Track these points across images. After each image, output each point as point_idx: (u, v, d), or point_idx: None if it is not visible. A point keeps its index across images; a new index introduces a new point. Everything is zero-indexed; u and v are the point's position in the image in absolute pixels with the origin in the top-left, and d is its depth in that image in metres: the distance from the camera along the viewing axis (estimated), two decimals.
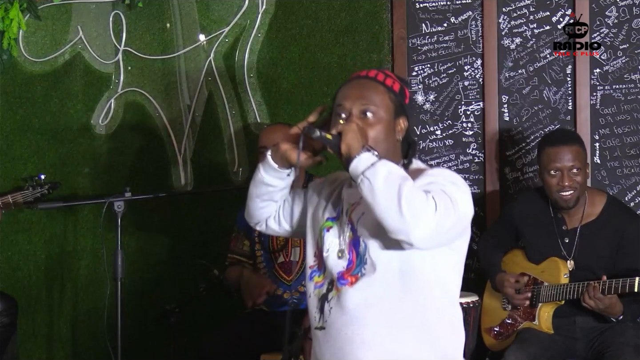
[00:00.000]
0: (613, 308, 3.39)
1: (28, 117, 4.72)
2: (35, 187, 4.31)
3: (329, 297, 2.30)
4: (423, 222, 2.10)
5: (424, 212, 2.10)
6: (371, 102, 2.30)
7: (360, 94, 2.31)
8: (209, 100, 4.53)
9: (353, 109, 2.30)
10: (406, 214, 2.08)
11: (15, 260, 4.72)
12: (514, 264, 3.74)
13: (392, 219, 2.10)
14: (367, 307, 2.24)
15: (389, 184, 2.11)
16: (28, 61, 4.71)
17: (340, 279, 2.29)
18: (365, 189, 2.13)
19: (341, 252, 2.32)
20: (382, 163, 2.15)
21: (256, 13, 4.45)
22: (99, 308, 4.43)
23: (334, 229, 2.37)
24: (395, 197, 2.09)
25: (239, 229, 3.96)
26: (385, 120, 2.30)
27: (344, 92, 2.35)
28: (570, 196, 3.52)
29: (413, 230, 2.09)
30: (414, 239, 2.11)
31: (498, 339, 3.73)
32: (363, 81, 2.36)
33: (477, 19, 4.19)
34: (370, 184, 2.12)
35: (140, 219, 4.56)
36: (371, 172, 2.13)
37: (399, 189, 2.09)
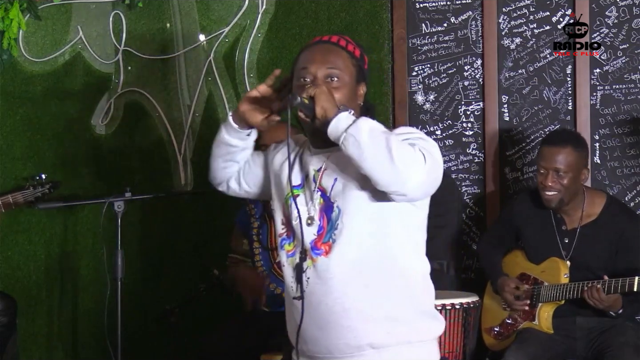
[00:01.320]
0: (614, 305, 3.40)
1: (28, 117, 4.72)
2: (37, 187, 4.31)
3: (304, 267, 2.31)
4: (415, 172, 2.14)
5: (415, 162, 2.14)
6: (336, 66, 2.32)
7: (325, 58, 2.33)
8: (209, 100, 4.53)
9: (318, 73, 2.31)
10: (399, 165, 2.12)
11: (15, 260, 4.72)
12: (514, 264, 3.74)
13: (384, 171, 2.13)
14: (345, 275, 2.26)
15: (374, 138, 2.14)
16: (28, 61, 4.71)
17: (314, 248, 2.30)
18: (350, 146, 2.15)
19: (310, 219, 2.32)
20: (363, 119, 2.18)
21: (256, 13, 4.45)
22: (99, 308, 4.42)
23: (300, 197, 2.37)
24: (384, 150, 2.12)
25: (238, 227, 3.96)
26: (349, 84, 2.33)
27: (307, 56, 2.36)
28: (551, 197, 3.52)
29: (407, 180, 2.14)
30: (408, 189, 2.15)
31: (498, 339, 3.74)
32: (326, 45, 2.37)
33: (477, 19, 4.19)
34: (356, 139, 2.14)
35: (140, 219, 4.56)
36: (354, 129, 2.15)
37: (386, 141, 2.13)
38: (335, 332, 2.28)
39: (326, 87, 2.26)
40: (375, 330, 2.27)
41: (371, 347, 2.27)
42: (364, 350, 2.28)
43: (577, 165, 3.51)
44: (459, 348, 3.52)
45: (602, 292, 3.35)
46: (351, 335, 2.27)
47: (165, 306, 3.83)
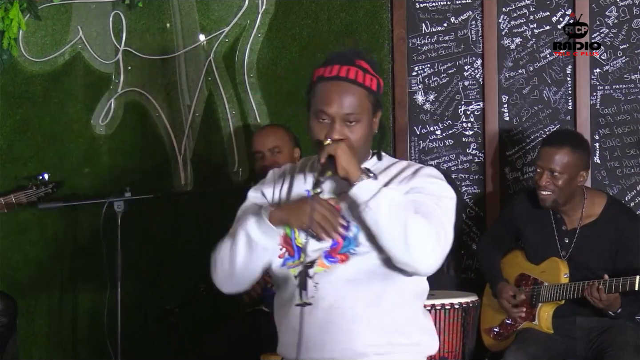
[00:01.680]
0: (613, 304, 3.40)
1: (28, 117, 4.72)
2: (39, 187, 4.30)
3: (311, 274, 2.33)
4: (428, 255, 2.24)
5: (429, 245, 2.23)
6: (353, 109, 2.34)
7: (342, 101, 2.33)
8: (209, 100, 4.53)
9: (336, 117, 2.34)
10: (413, 251, 2.21)
11: (15, 260, 4.72)
12: (514, 264, 3.74)
13: (399, 253, 2.23)
14: (359, 282, 2.31)
15: (392, 218, 2.21)
16: (28, 61, 4.71)
17: (328, 257, 2.33)
18: (370, 219, 2.23)
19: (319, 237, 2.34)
20: (384, 193, 2.22)
21: (256, 13, 4.45)
22: (99, 308, 4.43)
23: None
24: (401, 233, 2.20)
25: None
26: (366, 122, 2.36)
27: (324, 97, 2.35)
28: (544, 197, 3.52)
29: (420, 264, 2.24)
30: (421, 271, 2.27)
31: (497, 339, 3.73)
32: (344, 85, 2.36)
33: (477, 19, 4.19)
34: (375, 215, 2.21)
35: (140, 219, 4.56)
36: (374, 203, 2.21)
37: (404, 224, 2.20)
38: (343, 336, 2.30)
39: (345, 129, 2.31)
40: (381, 339, 2.31)
41: (375, 354, 2.32)
42: (368, 357, 2.31)
43: (573, 167, 3.49)
44: (458, 348, 3.52)
45: (602, 292, 3.35)
46: (359, 341, 2.30)
47: (165, 306, 3.82)
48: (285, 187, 2.48)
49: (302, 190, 2.43)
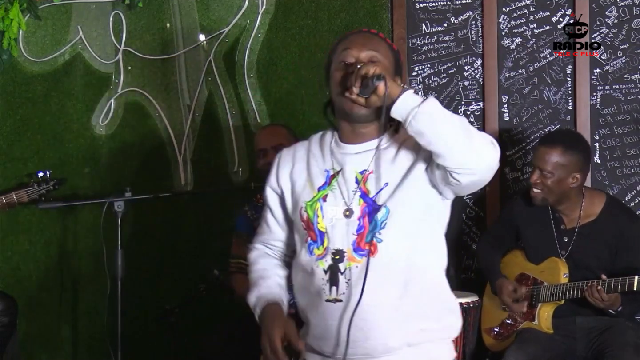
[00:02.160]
0: (614, 303, 3.40)
1: (28, 117, 4.72)
2: (41, 184, 4.29)
3: (342, 269, 2.27)
4: (492, 152, 2.19)
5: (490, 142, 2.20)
6: (378, 50, 2.32)
7: (367, 42, 2.33)
8: (209, 100, 4.53)
9: (361, 55, 2.30)
10: (478, 141, 2.16)
11: (15, 260, 4.72)
12: (514, 264, 3.74)
13: (462, 145, 2.14)
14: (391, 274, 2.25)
15: (448, 116, 2.18)
16: (28, 61, 4.71)
17: (357, 250, 2.27)
18: (422, 122, 2.15)
19: (349, 212, 2.29)
20: (432, 99, 2.20)
21: (256, 13, 4.45)
22: (99, 308, 4.43)
23: (330, 196, 2.33)
24: (460, 126, 2.16)
25: (240, 233, 3.95)
26: (389, 71, 2.32)
27: (348, 41, 2.35)
28: (534, 194, 3.53)
29: (482, 157, 2.17)
30: (483, 166, 2.17)
31: (498, 339, 3.73)
32: (366, 34, 2.38)
33: (477, 19, 4.19)
34: (431, 115, 2.15)
35: (140, 219, 4.56)
36: (427, 106, 2.16)
37: (460, 120, 2.18)
38: (377, 332, 2.25)
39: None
40: (413, 329, 2.27)
41: (408, 345, 2.28)
42: (401, 349, 2.27)
43: (565, 168, 3.47)
44: (458, 348, 3.51)
45: (603, 292, 3.35)
46: (391, 335, 2.26)
47: (165, 306, 3.82)
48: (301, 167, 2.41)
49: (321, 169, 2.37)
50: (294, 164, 2.44)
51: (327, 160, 2.37)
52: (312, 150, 2.43)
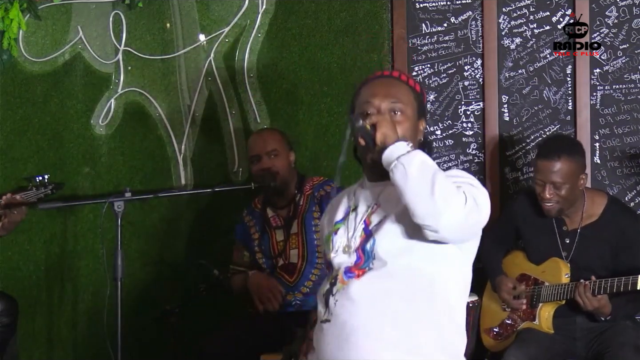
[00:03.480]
0: (602, 309, 3.40)
1: (28, 117, 4.72)
2: (39, 188, 4.29)
3: (334, 291, 2.32)
4: (452, 210, 2.13)
5: (455, 201, 2.14)
6: (399, 100, 2.34)
7: (388, 91, 2.35)
8: (209, 100, 4.53)
9: (382, 106, 2.33)
10: (437, 199, 2.11)
11: (15, 260, 4.72)
12: (515, 265, 3.74)
13: (422, 202, 2.13)
14: (374, 299, 2.27)
15: (423, 171, 2.15)
16: (28, 61, 4.71)
17: (347, 272, 2.32)
18: (398, 174, 2.17)
19: (348, 247, 2.35)
20: (418, 152, 2.20)
21: (256, 13, 4.45)
22: (99, 308, 4.42)
23: (341, 230, 2.41)
24: (428, 183, 2.13)
25: (238, 242, 3.99)
26: (412, 118, 2.35)
27: (370, 90, 2.37)
28: (549, 207, 3.52)
29: (442, 216, 2.13)
30: (441, 225, 2.14)
31: (497, 340, 3.73)
32: (388, 80, 2.40)
33: (477, 19, 4.19)
34: (404, 169, 2.15)
35: (140, 219, 4.56)
36: (407, 158, 2.16)
37: (432, 176, 2.14)
38: (357, 354, 2.26)
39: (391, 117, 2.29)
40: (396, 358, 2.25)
41: None
42: None
43: (573, 174, 3.48)
44: None
45: (588, 290, 3.36)
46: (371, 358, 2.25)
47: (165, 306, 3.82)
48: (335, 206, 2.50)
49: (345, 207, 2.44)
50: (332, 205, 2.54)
51: (351, 199, 2.45)
52: (352, 189, 2.49)
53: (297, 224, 3.82)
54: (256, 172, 3.86)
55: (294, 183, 3.89)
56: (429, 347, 2.27)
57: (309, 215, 3.83)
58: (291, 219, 3.84)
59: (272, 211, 3.92)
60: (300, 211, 3.83)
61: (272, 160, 3.83)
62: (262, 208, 3.94)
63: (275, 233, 3.87)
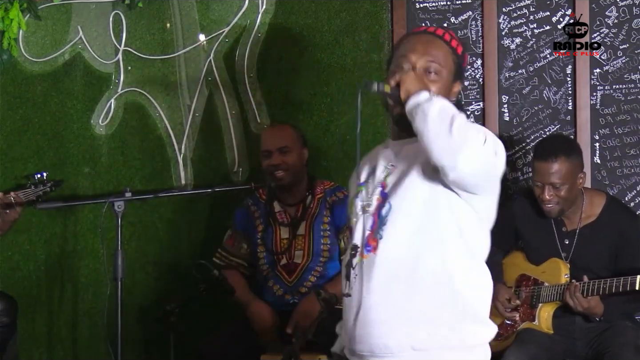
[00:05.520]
0: (593, 309, 3.40)
1: (28, 117, 4.72)
2: (38, 185, 4.29)
3: (353, 264, 2.29)
4: (471, 147, 2.11)
5: (474, 138, 2.12)
6: (436, 59, 2.31)
7: (427, 49, 2.32)
8: (209, 100, 4.52)
9: (418, 63, 2.30)
10: (455, 135, 2.09)
11: (15, 260, 4.72)
12: (514, 265, 3.74)
13: (440, 139, 2.10)
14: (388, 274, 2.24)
15: (442, 113, 2.13)
16: (28, 61, 4.71)
17: (366, 245, 2.28)
18: (417, 118, 2.15)
19: (367, 206, 2.30)
20: (441, 98, 2.18)
21: (256, 13, 4.45)
22: (99, 308, 4.43)
23: (362, 193, 2.36)
24: (447, 121, 2.11)
25: (237, 230, 3.94)
26: (446, 80, 2.32)
27: (409, 44, 2.35)
28: (550, 209, 3.52)
29: (460, 150, 2.10)
30: (459, 160, 2.10)
31: (497, 340, 3.72)
32: (430, 37, 2.36)
33: (477, 19, 4.19)
34: (424, 112, 2.13)
35: (140, 219, 4.56)
36: (427, 103, 2.15)
37: (452, 117, 2.12)
38: (376, 330, 2.25)
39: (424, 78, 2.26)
40: (416, 332, 2.22)
41: (412, 348, 2.23)
42: (405, 352, 2.23)
43: (572, 174, 3.48)
44: None
45: (578, 290, 3.37)
46: (392, 335, 2.23)
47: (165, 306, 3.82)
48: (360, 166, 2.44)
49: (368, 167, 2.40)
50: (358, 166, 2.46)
51: (374, 159, 2.41)
52: (376, 151, 2.46)
53: (305, 226, 3.79)
54: (266, 168, 3.83)
55: (304, 182, 3.85)
56: (450, 314, 2.23)
57: (319, 219, 3.79)
58: (299, 220, 3.81)
59: (279, 206, 3.87)
60: (309, 213, 3.80)
61: (282, 156, 3.79)
62: (267, 200, 3.89)
63: (280, 229, 3.84)
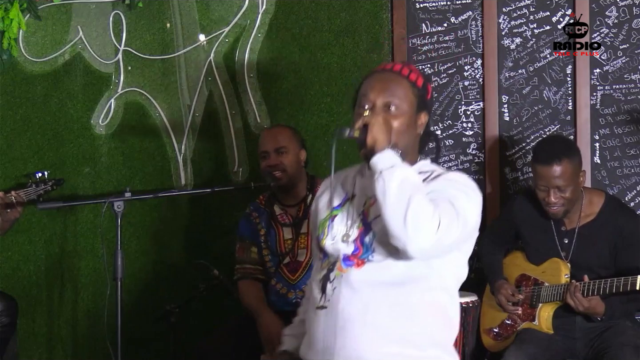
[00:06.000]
0: (594, 309, 3.41)
1: (28, 117, 4.72)
2: (39, 184, 4.28)
3: (331, 277, 2.35)
4: (422, 237, 2.18)
5: (426, 228, 2.18)
6: (395, 95, 2.36)
7: (385, 86, 2.37)
8: (209, 100, 4.53)
9: (377, 101, 2.36)
10: (409, 226, 2.16)
11: (15, 260, 4.72)
12: (515, 265, 3.74)
13: (395, 225, 2.19)
14: (371, 289, 2.30)
15: (401, 191, 2.19)
16: (28, 61, 4.71)
17: (345, 260, 2.35)
18: (379, 188, 2.21)
19: (347, 236, 2.37)
20: (401, 167, 2.23)
21: (256, 13, 4.45)
22: (99, 308, 4.43)
23: (338, 217, 2.42)
24: (403, 206, 2.17)
25: (243, 238, 3.94)
26: (408, 113, 2.37)
27: (368, 84, 2.41)
28: (556, 210, 3.52)
29: (410, 243, 2.18)
30: (410, 250, 2.20)
31: (497, 340, 3.73)
32: (387, 74, 2.41)
33: (477, 19, 4.19)
34: (384, 185, 2.20)
35: (140, 219, 4.56)
36: (388, 174, 2.21)
37: (409, 199, 2.17)
38: (352, 342, 2.30)
39: (384, 116, 2.32)
40: (390, 350, 2.29)
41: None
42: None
43: (575, 175, 3.49)
44: (458, 348, 3.51)
45: (578, 290, 3.37)
46: (367, 348, 2.29)
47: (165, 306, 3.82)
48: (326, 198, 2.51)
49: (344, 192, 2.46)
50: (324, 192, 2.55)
51: (350, 185, 2.47)
52: (349, 174, 2.51)
53: (307, 225, 3.79)
54: (263, 169, 3.85)
55: (303, 182, 3.87)
56: (422, 339, 2.32)
57: None
58: (301, 219, 3.81)
59: (279, 208, 3.88)
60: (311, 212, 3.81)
61: (279, 157, 3.80)
62: (266, 204, 3.91)
63: (283, 230, 3.85)
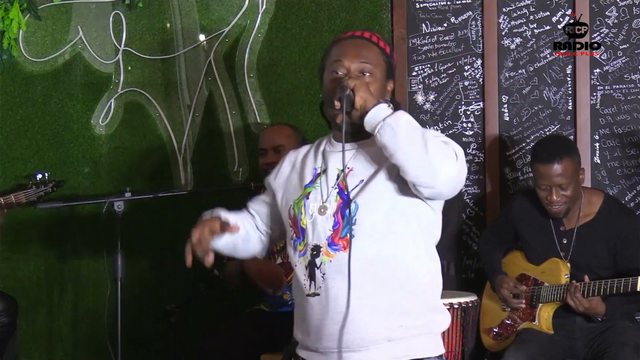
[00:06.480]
0: (594, 310, 3.41)
1: (28, 117, 4.72)
2: (39, 186, 4.29)
3: (318, 264, 2.35)
4: (447, 166, 2.21)
5: (448, 157, 2.22)
6: (369, 60, 2.40)
7: (358, 52, 2.40)
8: (209, 100, 4.53)
9: (352, 66, 2.38)
10: (433, 157, 2.19)
11: (15, 260, 4.72)
12: (514, 265, 3.74)
13: (418, 161, 2.20)
14: (363, 270, 2.31)
15: (411, 130, 2.22)
16: (28, 61, 4.71)
17: (331, 244, 2.34)
18: (386, 135, 2.22)
19: (323, 208, 2.37)
20: (402, 112, 2.26)
21: (256, 13, 4.45)
22: (99, 308, 4.43)
23: (312, 194, 2.42)
24: (420, 141, 2.19)
25: None
26: (380, 79, 2.41)
27: (340, 50, 2.42)
28: (558, 209, 3.52)
29: (438, 173, 2.20)
30: (437, 182, 2.22)
31: (497, 340, 3.73)
32: (359, 40, 2.44)
33: (477, 19, 4.19)
34: (393, 129, 2.21)
35: (140, 219, 4.56)
36: (393, 119, 2.22)
37: (422, 134, 2.21)
38: (352, 326, 2.31)
39: (362, 80, 2.33)
40: (391, 325, 2.32)
41: (387, 340, 2.32)
42: (380, 344, 2.32)
43: (575, 172, 3.51)
44: (457, 348, 3.51)
45: (578, 291, 3.37)
46: (369, 329, 2.31)
47: (165, 306, 3.83)
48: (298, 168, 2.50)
49: (311, 168, 2.46)
50: (293, 165, 2.54)
51: (318, 160, 2.47)
52: (311, 151, 2.53)
53: None
54: (261, 166, 3.85)
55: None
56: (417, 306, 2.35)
57: None
58: None
59: None
60: None
61: (278, 155, 3.80)
62: None
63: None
